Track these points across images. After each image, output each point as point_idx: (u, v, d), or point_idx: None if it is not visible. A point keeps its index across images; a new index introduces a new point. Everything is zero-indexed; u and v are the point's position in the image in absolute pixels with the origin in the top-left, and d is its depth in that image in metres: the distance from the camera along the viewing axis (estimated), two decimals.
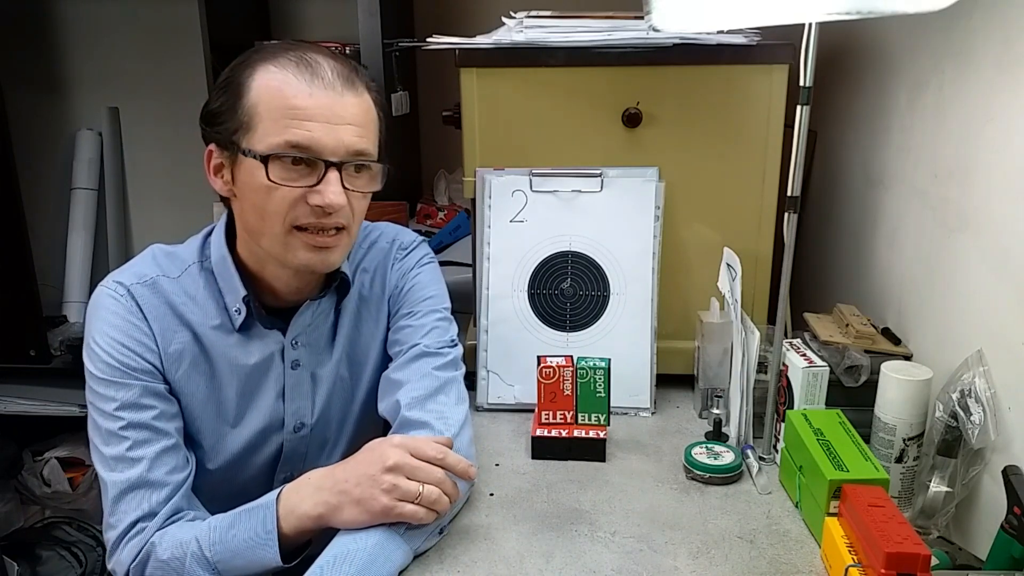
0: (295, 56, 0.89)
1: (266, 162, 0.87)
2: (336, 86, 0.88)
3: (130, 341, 0.93)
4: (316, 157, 0.88)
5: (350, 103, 0.89)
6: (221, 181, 0.93)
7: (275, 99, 0.87)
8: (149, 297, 0.95)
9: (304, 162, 0.88)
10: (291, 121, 0.87)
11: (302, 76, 0.87)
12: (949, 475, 0.92)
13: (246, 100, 0.88)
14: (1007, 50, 0.91)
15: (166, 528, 0.88)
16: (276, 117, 0.87)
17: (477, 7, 2.13)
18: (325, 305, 1.02)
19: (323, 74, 0.88)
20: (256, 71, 0.89)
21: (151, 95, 2.09)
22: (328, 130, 0.87)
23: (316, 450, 1.06)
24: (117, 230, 2.25)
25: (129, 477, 0.89)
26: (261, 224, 0.91)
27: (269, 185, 0.88)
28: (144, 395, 0.92)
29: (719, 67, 1.16)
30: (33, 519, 2.12)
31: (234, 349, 0.98)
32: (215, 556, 0.84)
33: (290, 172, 0.88)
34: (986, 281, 0.96)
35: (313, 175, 0.88)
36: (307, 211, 0.89)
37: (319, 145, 0.87)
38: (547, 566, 0.87)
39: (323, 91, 0.87)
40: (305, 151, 0.87)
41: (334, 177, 0.88)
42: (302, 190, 0.88)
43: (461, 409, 0.99)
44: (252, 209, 0.91)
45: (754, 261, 1.22)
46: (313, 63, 0.88)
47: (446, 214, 2.02)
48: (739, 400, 1.08)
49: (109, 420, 0.91)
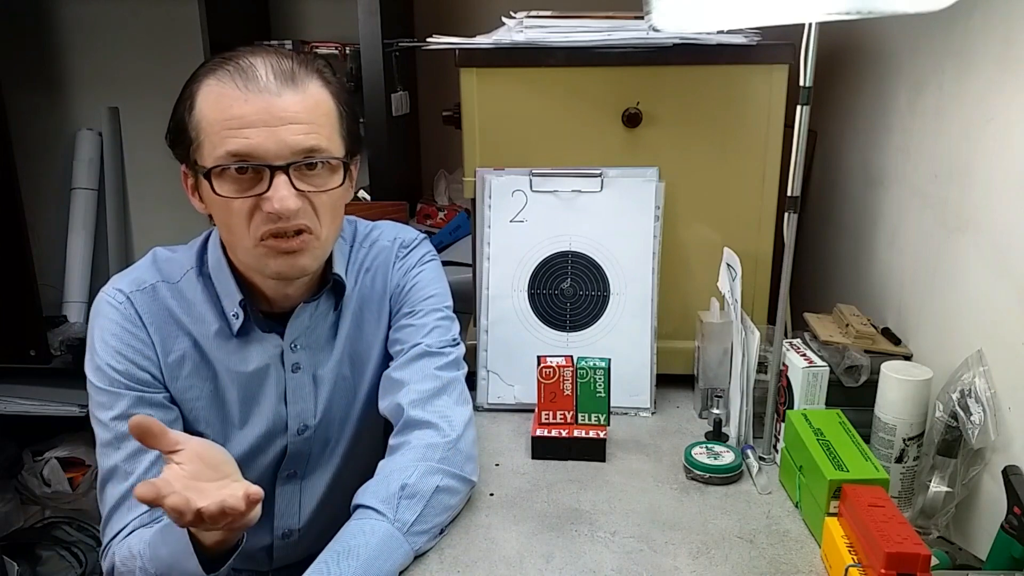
0: (232, 65, 0.86)
1: (209, 177, 0.86)
2: (271, 87, 0.85)
3: (128, 350, 0.93)
4: (259, 164, 0.85)
5: (289, 101, 0.85)
6: (197, 200, 0.93)
7: (214, 111, 0.85)
8: (148, 304, 0.95)
9: (252, 170, 0.85)
10: (229, 131, 0.84)
11: (236, 83, 0.85)
12: (949, 475, 0.92)
13: (193, 116, 0.87)
14: (1007, 50, 0.91)
15: (130, 536, 0.88)
16: (217, 130, 0.85)
17: (477, 7, 2.13)
18: (323, 306, 1.01)
19: (256, 76, 0.85)
20: (200, 86, 0.87)
21: (151, 95, 2.09)
22: (267, 134, 0.84)
23: (319, 450, 1.06)
24: (117, 230, 2.26)
25: (121, 490, 0.90)
26: (232, 238, 0.91)
27: (222, 200, 0.86)
28: (139, 405, 0.92)
29: (719, 67, 1.16)
30: (33, 519, 2.12)
31: (234, 354, 0.98)
32: (156, 569, 0.84)
33: (239, 183, 0.86)
34: (986, 281, 0.96)
35: (262, 183, 0.86)
36: (264, 219, 0.87)
37: (260, 151, 0.84)
38: (547, 566, 0.87)
39: (257, 95, 0.84)
40: (246, 159, 0.85)
41: (281, 182, 0.85)
42: (253, 199, 0.86)
43: (464, 409, 0.99)
44: (221, 225, 0.91)
45: (754, 261, 1.22)
46: (247, 67, 0.85)
47: (446, 214, 2.02)
48: (739, 400, 1.08)
49: (105, 430, 0.92)
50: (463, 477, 0.94)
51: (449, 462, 0.92)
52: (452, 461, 0.92)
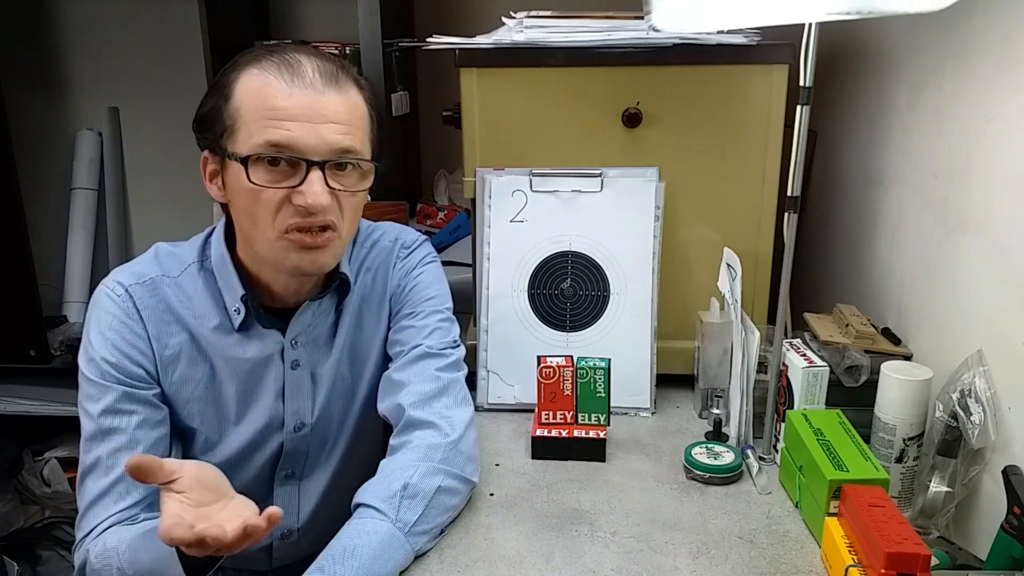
0: (277, 58, 0.88)
1: (246, 164, 0.86)
2: (317, 84, 0.87)
3: (122, 343, 0.93)
4: (297, 156, 0.86)
5: (332, 101, 0.88)
6: (216, 187, 0.93)
7: (256, 100, 0.87)
8: (147, 298, 0.95)
9: (286, 162, 0.87)
10: (271, 121, 0.86)
11: (282, 76, 0.87)
12: (949, 475, 0.92)
13: (230, 104, 0.88)
14: (1007, 50, 0.91)
15: (105, 533, 0.87)
16: (257, 118, 0.86)
17: (477, 7, 2.13)
18: (326, 305, 1.01)
19: (304, 73, 0.87)
20: (240, 75, 0.88)
21: (151, 95, 2.09)
22: (309, 129, 0.86)
23: (317, 449, 1.06)
24: (117, 230, 2.25)
25: (101, 485, 0.90)
26: (253, 229, 0.91)
27: (253, 188, 0.87)
28: (127, 400, 0.92)
29: (719, 67, 1.16)
30: (33, 519, 2.12)
31: (233, 349, 0.98)
32: (135, 572, 0.83)
33: (272, 174, 0.87)
34: (986, 281, 0.96)
35: (296, 176, 0.87)
36: (291, 212, 0.88)
37: (299, 144, 0.86)
38: (547, 566, 0.87)
39: (303, 90, 0.86)
40: (285, 150, 0.86)
41: (316, 177, 0.87)
42: (285, 191, 0.87)
43: (465, 410, 0.99)
44: (243, 214, 0.91)
45: (754, 261, 1.22)
46: (294, 63, 0.88)
47: (446, 214, 2.02)
48: (739, 400, 1.08)
49: (91, 422, 0.92)
50: (464, 478, 0.94)
51: (450, 463, 0.92)
52: (453, 462, 0.92)
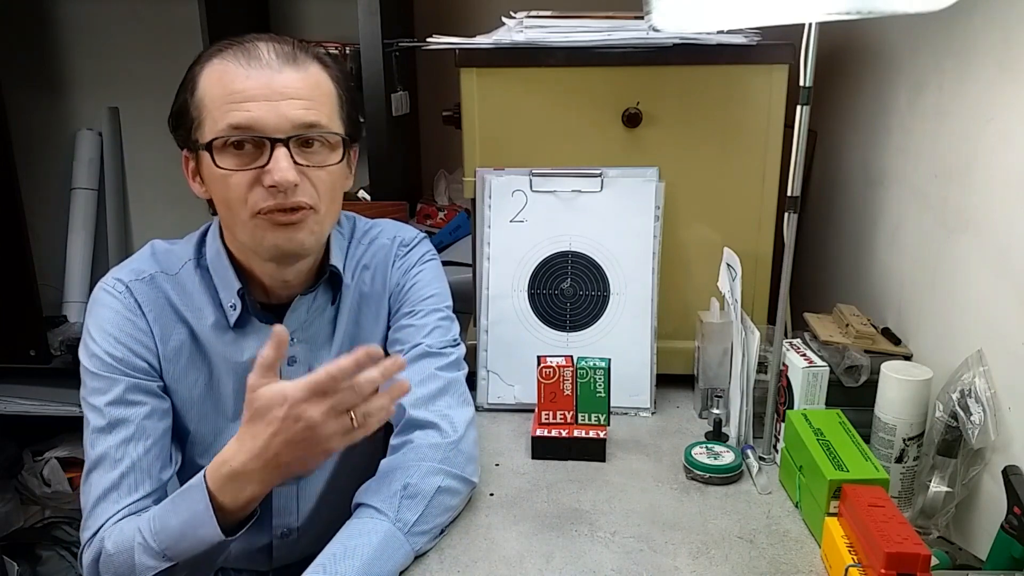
0: (236, 45, 0.89)
1: (211, 150, 0.87)
2: (273, 64, 0.88)
3: (126, 337, 0.93)
4: (259, 136, 0.87)
5: (290, 78, 0.88)
6: (197, 184, 0.94)
7: (216, 87, 0.88)
8: (148, 293, 0.96)
9: (251, 144, 0.87)
10: (230, 105, 0.87)
11: (239, 60, 0.88)
12: (949, 475, 0.92)
13: (196, 96, 0.89)
14: (1007, 50, 0.91)
15: (118, 523, 0.88)
16: (218, 104, 0.87)
17: (477, 7, 2.13)
18: (320, 300, 1.01)
19: (259, 55, 0.88)
20: (203, 67, 0.90)
21: (151, 95, 2.09)
22: (268, 107, 0.86)
23: None
24: (117, 230, 2.26)
25: (110, 478, 0.89)
26: (230, 215, 0.91)
27: (222, 173, 0.88)
28: (134, 391, 0.92)
29: (719, 67, 1.16)
30: (33, 519, 2.12)
31: (230, 346, 0.98)
32: (161, 544, 0.83)
33: (238, 157, 0.88)
34: (986, 281, 0.96)
35: (262, 156, 0.87)
36: (264, 194, 0.88)
37: (260, 123, 0.86)
38: (547, 566, 0.87)
39: (259, 70, 0.87)
40: (246, 131, 0.87)
41: (281, 154, 0.87)
42: (253, 172, 0.88)
43: (466, 410, 0.99)
44: (219, 202, 0.92)
45: (754, 261, 1.22)
46: (251, 47, 0.89)
47: (446, 214, 2.02)
48: (739, 400, 1.08)
49: (99, 416, 0.91)
50: (464, 478, 0.94)
51: (451, 463, 0.92)
52: (454, 462, 0.92)
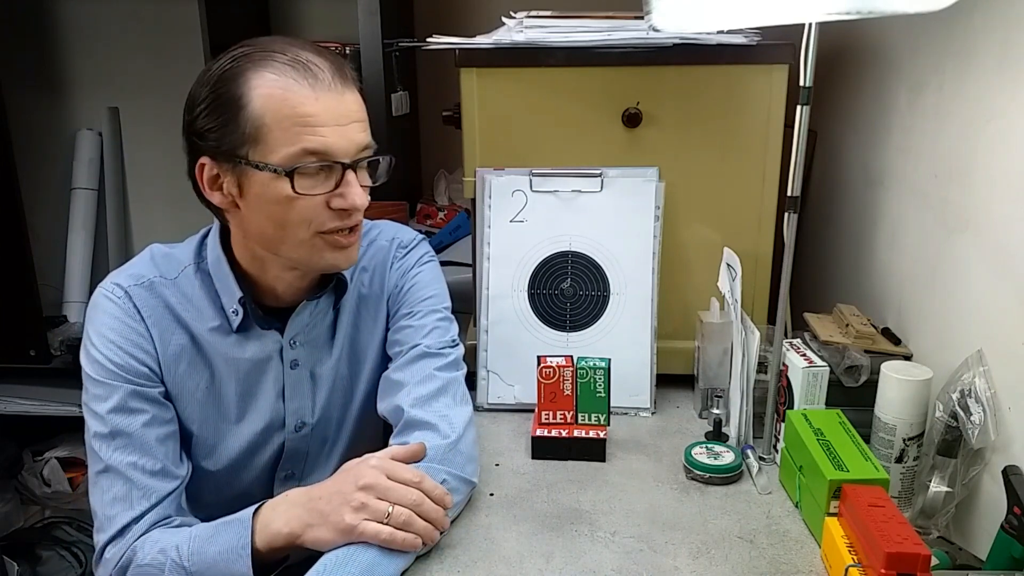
0: (289, 59, 0.87)
1: (291, 175, 0.86)
2: (336, 86, 0.88)
3: (126, 343, 0.93)
4: (333, 161, 0.88)
5: (350, 100, 0.89)
6: (220, 194, 0.92)
7: (282, 109, 0.86)
8: (147, 299, 0.95)
9: (325, 167, 0.88)
10: (303, 129, 0.86)
11: (303, 80, 0.86)
12: (949, 475, 0.92)
13: (249, 112, 0.86)
14: (1007, 50, 0.91)
15: (149, 533, 0.88)
16: (287, 127, 0.86)
17: (477, 7, 2.13)
18: (323, 304, 1.02)
19: (322, 75, 0.87)
20: (252, 80, 0.86)
21: (151, 95, 2.09)
22: (339, 132, 0.87)
23: (317, 449, 1.06)
24: (117, 230, 2.25)
25: (120, 484, 0.90)
26: (281, 233, 0.91)
27: (291, 196, 0.87)
28: (135, 398, 0.92)
29: (719, 67, 1.16)
30: (33, 519, 2.12)
31: (232, 350, 0.98)
32: (193, 566, 0.84)
33: (311, 180, 0.88)
34: (986, 281, 0.96)
35: (330, 179, 0.89)
36: (330, 215, 0.90)
37: (333, 149, 0.87)
38: (547, 566, 0.87)
39: (326, 93, 0.87)
40: (323, 157, 0.87)
41: (352, 178, 0.89)
42: (324, 196, 0.89)
43: (464, 410, 0.99)
44: (268, 220, 0.90)
45: (754, 261, 1.22)
46: (310, 65, 0.87)
47: (446, 214, 2.02)
48: (739, 400, 1.08)
49: (101, 423, 0.91)
50: (464, 478, 0.94)
51: (450, 463, 0.92)
52: (453, 462, 0.92)
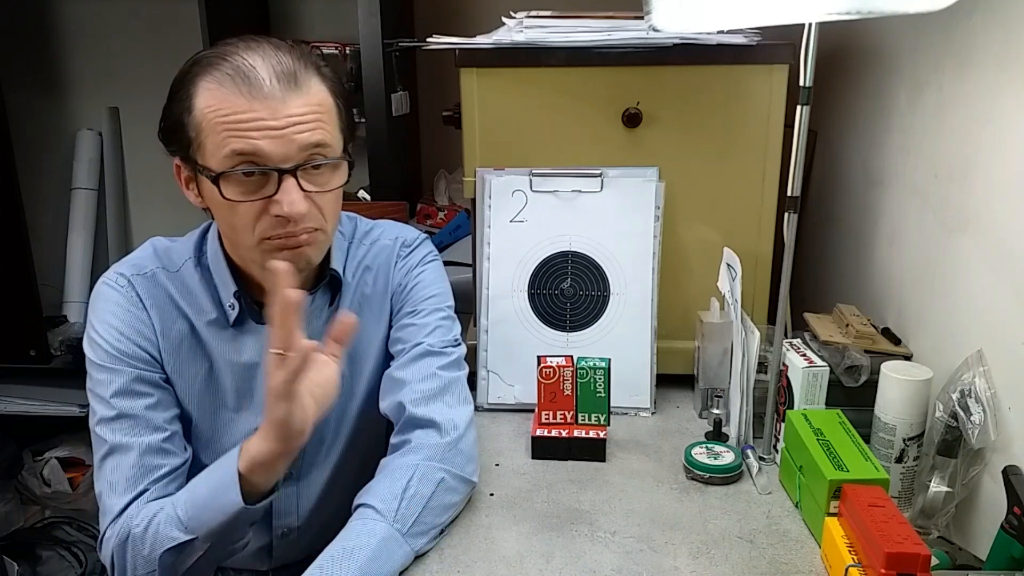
0: (231, 67, 0.84)
1: (217, 181, 0.85)
2: (276, 92, 0.84)
3: (128, 329, 0.94)
4: (266, 166, 0.85)
5: (294, 104, 0.85)
6: (193, 194, 0.93)
7: (216, 116, 0.84)
8: (149, 288, 0.97)
9: (258, 173, 0.85)
10: (231, 134, 0.84)
11: (238, 88, 0.83)
12: (949, 475, 0.92)
13: (193, 117, 0.86)
14: (1007, 50, 0.91)
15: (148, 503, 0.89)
16: (219, 130, 0.84)
17: (477, 7, 2.13)
18: (319, 301, 1.02)
19: (260, 81, 0.84)
20: (197, 87, 0.85)
21: (151, 95, 2.07)
22: (275, 137, 0.84)
23: (314, 447, 1.05)
24: (117, 230, 2.26)
25: (123, 468, 0.90)
26: (234, 236, 0.92)
27: (228, 202, 0.86)
28: (139, 382, 0.93)
29: (719, 67, 1.16)
30: (33, 519, 2.12)
31: (229, 344, 0.99)
32: (186, 513, 0.85)
33: (245, 186, 0.86)
34: (986, 281, 0.96)
35: (270, 184, 0.86)
36: (271, 223, 0.87)
37: (266, 154, 0.84)
38: (547, 566, 0.87)
39: (262, 101, 0.83)
40: (253, 161, 0.84)
41: (290, 184, 0.85)
42: (261, 202, 0.86)
43: (465, 410, 0.99)
44: (222, 223, 0.92)
45: (754, 261, 1.22)
46: (248, 70, 0.84)
47: (446, 214, 2.02)
48: (739, 400, 1.08)
49: (106, 407, 0.92)
50: (464, 478, 0.94)
51: (450, 462, 0.92)
52: (453, 461, 0.92)
